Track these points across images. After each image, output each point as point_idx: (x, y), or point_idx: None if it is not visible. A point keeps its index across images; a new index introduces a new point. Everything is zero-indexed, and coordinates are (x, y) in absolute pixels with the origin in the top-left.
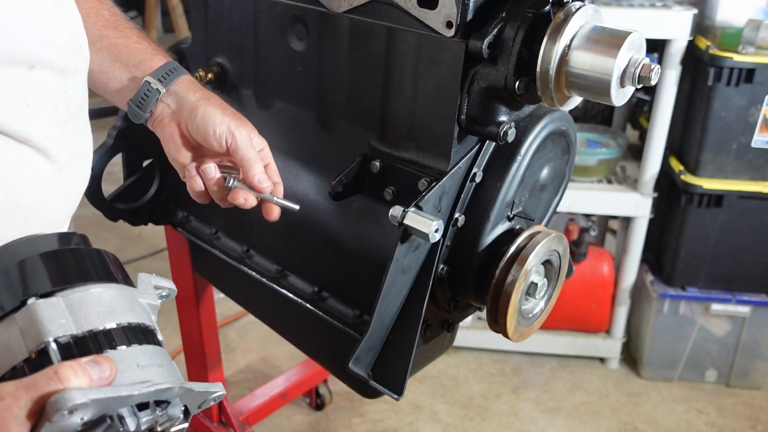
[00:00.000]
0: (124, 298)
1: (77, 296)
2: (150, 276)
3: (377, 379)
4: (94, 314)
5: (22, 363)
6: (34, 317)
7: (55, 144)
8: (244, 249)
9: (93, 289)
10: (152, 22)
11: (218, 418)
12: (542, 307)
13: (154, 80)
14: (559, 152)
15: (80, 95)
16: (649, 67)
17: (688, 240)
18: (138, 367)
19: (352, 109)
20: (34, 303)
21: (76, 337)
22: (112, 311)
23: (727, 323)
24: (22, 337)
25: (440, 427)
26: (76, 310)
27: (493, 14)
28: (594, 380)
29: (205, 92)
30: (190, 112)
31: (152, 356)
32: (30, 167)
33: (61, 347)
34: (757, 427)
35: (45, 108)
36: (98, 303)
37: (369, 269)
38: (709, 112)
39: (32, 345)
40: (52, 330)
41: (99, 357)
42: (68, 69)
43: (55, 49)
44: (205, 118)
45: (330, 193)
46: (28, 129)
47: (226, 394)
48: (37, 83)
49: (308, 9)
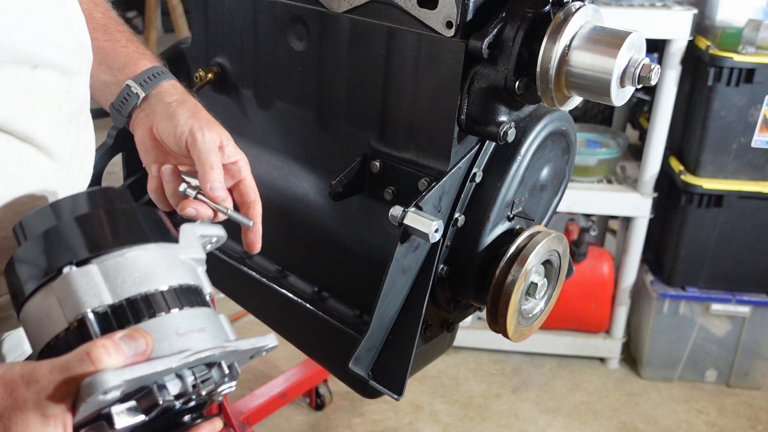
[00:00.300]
0: (164, 258)
1: (113, 262)
2: (194, 225)
3: (377, 379)
4: (131, 281)
5: (64, 332)
6: (69, 287)
7: (57, 142)
8: (244, 249)
9: (129, 253)
10: (152, 22)
11: None
12: (542, 307)
13: (135, 84)
14: (559, 152)
15: (83, 94)
16: (649, 67)
17: (688, 240)
18: (177, 335)
19: (352, 109)
20: (69, 273)
21: (113, 306)
22: (150, 275)
23: (727, 323)
24: (61, 307)
25: (440, 427)
26: (113, 277)
27: (493, 14)
28: (594, 380)
29: (183, 96)
30: (161, 115)
31: (193, 320)
32: (33, 165)
33: (98, 318)
34: (757, 427)
35: (48, 107)
36: (135, 268)
37: (369, 269)
38: (709, 112)
39: (71, 315)
40: (88, 301)
41: (134, 331)
42: (71, 69)
43: (58, 48)
44: (172, 118)
45: (330, 193)
46: (31, 128)
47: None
48: (40, 83)
49: (308, 9)
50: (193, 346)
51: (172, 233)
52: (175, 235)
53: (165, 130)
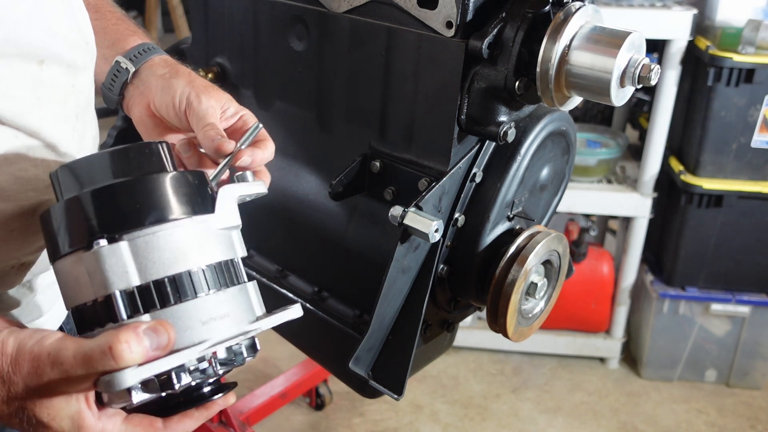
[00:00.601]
0: (196, 235)
1: (144, 240)
2: (234, 187)
3: (377, 379)
4: (160, 262)
5: (92, 302)
6: (99, 264)
7: (64, 137)
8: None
9: (162, 231)
10: (152, 22)
11: (218, 418)
12: (542, 307)
13: (125, 59)
14: (559, 152)
15: (87, 90)
16: (649, 67)
17: (688, 240)
18: (201, 323)
19: (352, 109)
20: (99, 249)
21: (140, 288)
22: (181, 256)
23: (727, 323)
24: (90, 279)
25: (440, 427)
26: (143, 257)
27: (493, 14)
28: (594, 380)
29: (176, 67)
30: (156, 89)
31: (219, 305)
32: (39, 160)
33: (125, 297)
34: (757, 427)
35: (54, 102)
36: (166, 248)
37: (369, 269)
38: (709, 112)
39: (99, 292)
40: (116, 282)
41: (158, 324)
42: (76, 64)
43: (64, 44)
44: (168, 90)
45: (330, 193)
46: (38, 123)
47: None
48: (46, 78)
49: (308, 9)
50: (214, 336)
51: (210, 199)
52: (212, 199)
53: (162, 103)
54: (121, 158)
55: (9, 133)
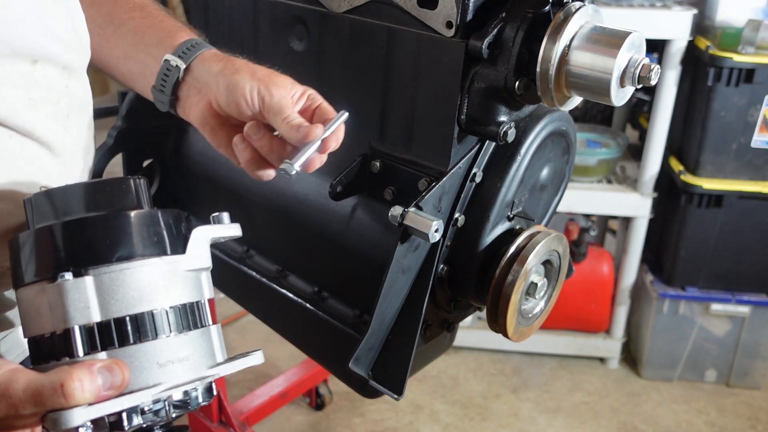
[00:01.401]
0: (164, 275)
1: (109, 277)
2: (207, 228)
3: (377, 379)
4: (123, 300)
5: (50, 334)
6: (61, 298)
7: (58, 137)
8: (244, 249)
9: (128, 269)
10: None
11: (218, 418)
12: (542, 307)
13: (174, 57)
14: (559, 152)
15: (82, 91)
16: (649, 67)
17: (688, 240)
18: (157, 365)
19: (352, 109)
20: (64, 282)
21: (100, 325)
22: (145, 296)
23: (727, 323)
24: (51, 312)
25: (440, 427)
26: (106, 294)
27: (493, 14)
28: (594, 380)
29: (230, 61)
30: (217, 87)
31: (179, 348)
32: (35, 160)
33: (84, 333)
34: (757, 427)
35: (48, 102)
36: (131, 286)
37: (369, 269)
38: (708, 112)
39: (58, 325)
40: (76, 316)
41: (114, 363)
42: (71, 64)
43: (59, 44)
44: (231, 87)
45: (330, 193)
46: (31, 123)
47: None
48: (40, 77)
49: (308, 9)
50: (170, 379)
51: (182, 239)
52: (184, 239)
53: (231, 102)
54: (96, 192)
55: (3, 132)
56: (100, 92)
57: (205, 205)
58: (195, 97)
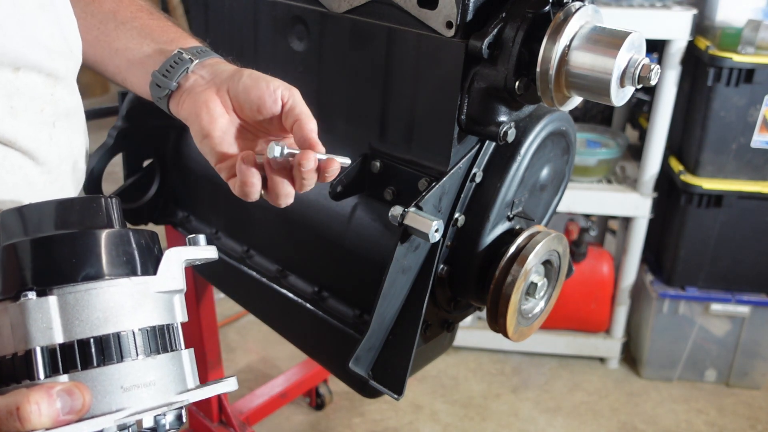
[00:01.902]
0: (132, 296)
1: (74, 297)
2: (181, 250)
3: (377, 378)
4: (88, 321)
5: (11, 355)
6: (23, 317)
7: (42, 146)
8: (244, 249)
9: (95, 289)
10: None
11: (218, 418)
12: (542, 307)
13: (187, 52)
14: (559, 152)
15: (69, 98)
16: (648, 67)
17: (688, 240)
18: (122, 389)
19: (352, 109)
20: (26, 302)
21: (63, 346)
22: (111, 317)
23: (727, 323)
24: (12, 332)
25: (440, 427)
26: (71, 314)
27: (493, 14)
28: (594, 380)
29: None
30: (231, 76)
31: (146, 372)
32: (17, 169)
33: (45, 355)
34: (756, 427)
35: (30, 111)
36: (97, 307)
37: (369, 269)
38: (708, 112)
39: (19, 345)
40: (38, 337)
41: (74, 386)
42: (57, 72)
43: (43, 51)
44: (255, 76)
45: (330, 193)
46: (12, 131)
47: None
48: (23, 85)
49: (308, 9)
50: (134, 405)
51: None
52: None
53: (251, 87)
54: (66, 210)
55: None
56: (100, 92)
57: (205, 205)
58: (202, 86)
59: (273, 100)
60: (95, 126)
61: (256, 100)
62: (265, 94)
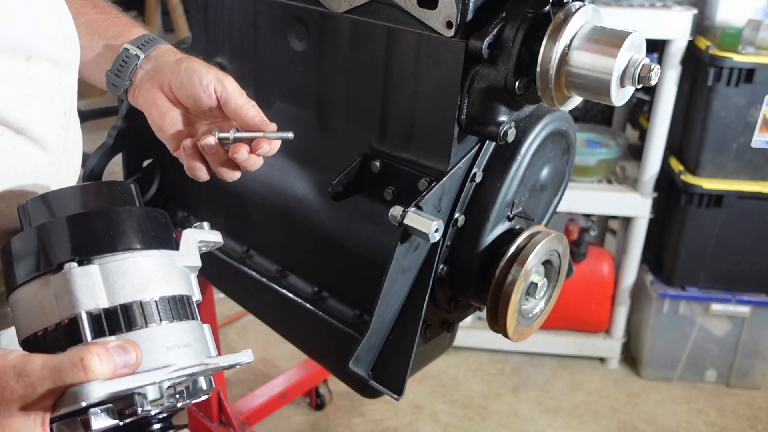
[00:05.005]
0: (163, 267)
1: (115, 265)
2: (196, 231)
3: (377, 378)
4: (129, 287)
5: (54, 326)
6: (68, 285)
7: (51, 135)
8: (244, 249)
9: (131, 258)
10: (152, 22)
11: (218, 418)
12: (542, 307)
13: (133, 47)
14: (559, 152)
15: (72, 88)
16: (649, 67)
17: (688, 240)
18: (165, 348)
19: (352, 109)
20: (70, 270)
21: (108, 311)
22: (149, 284)
23: (727, 323)
24: (56, 301)
25: (440, 427)
26: (111, 281)
27: (493, 14)
28: (594, 380)
29: (185, 55)
30: (171, 71)
31: (182, 334)
32: (26, 158)
33: (92, 320)
34: (757, 427)
35: (41, 99)
36: (135, 274)
37: (369, 269)
38: (709, 112)
39: (64, 313)
40: (84, 302)
41: (126, 342)
42: (62, 62)
43: (50, 41)
44: (189, 71)
45: (330, 193)
46: (25, 119)
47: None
48: (34, 74)
49: (308, 9)
50: (178, 362)
51: (174, 238)
52: (176, 240)
53: (185, 83)
54: (94, 192)
55: None
56: (100, 92)
57: (205, 204)
58: (148, 82)
59: (207, 95)
60: (95, 126)
61: (192, 96)
62: (198, 90)
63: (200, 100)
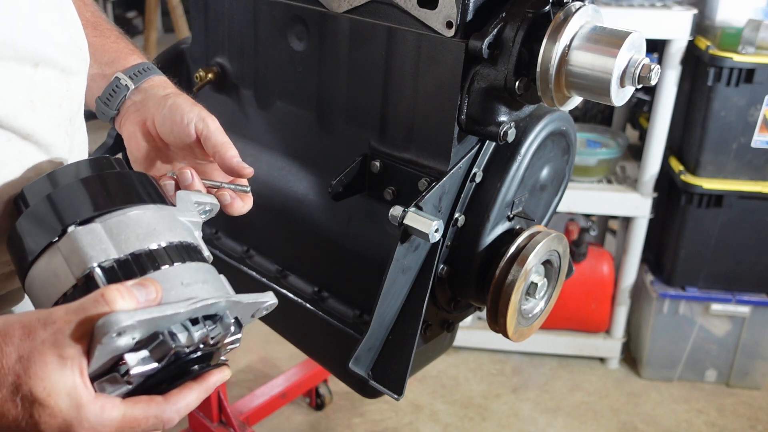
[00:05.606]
0: (163, 218)
1: (116, 220)
2: (190, 193)
3: (377, 379)
4: (134, 237)
5: (71, 289)
6: (75, 245)
7: (57, 141)
8: (244, 249)
9: (131, 212)
10: (152, 22)
11: (218, 418)
12: (542, 307)
13: (125, 77)
14: (559, 152)
15: (80, 94)
16: (649, 67)
17: (688, 240)
18: (183, 285)
19: (352, 109)
20: (74, 231)
21: (119, 260)
22: (152, 232)
23: (727, 323)
24: (68, 264)
25: (440, 427)
26: (116, 234)
27: (493, 14)
28: (594, 380)
29: (176, 90)
30: (156, 105)
31: (196, 273)
32: (32, 163)
33: (105, 271)
34: (757, 427)
35: (48, 105)
36: (137, 225)
37: (369, 269)
38: (709, 112)
39: (78, 271)
40: (94, 256)
41: (144, 279)
42: (70, 68)
43: (57, 48)
44: (173, 108)
45: (330, 193)
46: (31, 125)
47: (277, 302)
48: (40, 81)
49: (308, 9)
50: (199, 294)
51: (169, 199)
52: (171, 201)
53: (168, 120)
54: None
55: (2, 135)
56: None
57: None
58: (134, 114)
59: (187, 134)
60: (95, 126)
61: (174, 132)
62: (179, 128)
63: (180, 136)
